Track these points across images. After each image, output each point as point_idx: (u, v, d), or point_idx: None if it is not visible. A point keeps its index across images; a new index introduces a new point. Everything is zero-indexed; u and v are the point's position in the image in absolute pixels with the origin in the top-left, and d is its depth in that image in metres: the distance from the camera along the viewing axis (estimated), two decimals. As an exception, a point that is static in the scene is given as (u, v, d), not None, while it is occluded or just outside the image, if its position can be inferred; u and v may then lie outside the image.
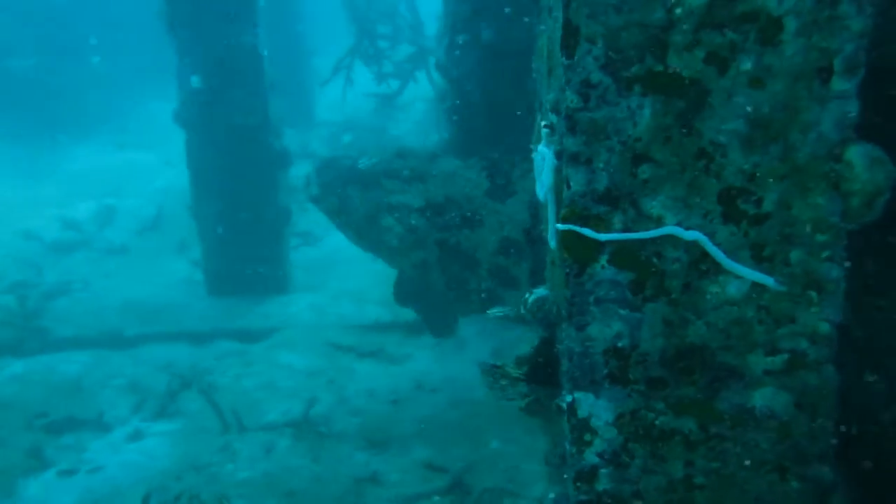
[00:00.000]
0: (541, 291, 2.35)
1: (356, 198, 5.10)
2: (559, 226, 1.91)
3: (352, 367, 6.58)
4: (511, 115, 5.99)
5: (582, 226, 1.88)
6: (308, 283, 8.01)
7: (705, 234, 1.84)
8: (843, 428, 2.00)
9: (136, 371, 6.50)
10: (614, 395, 1.98)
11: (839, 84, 1.74)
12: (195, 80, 6.99)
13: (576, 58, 1.80)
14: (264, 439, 5.51)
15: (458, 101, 6.05)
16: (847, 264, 1.86)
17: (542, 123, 2.05)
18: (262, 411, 5.91)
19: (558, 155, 1.95)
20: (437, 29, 6.35)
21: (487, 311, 3.49)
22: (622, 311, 1.94)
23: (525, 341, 6.69)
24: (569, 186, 1.89)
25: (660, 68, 1.78)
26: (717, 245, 1.84)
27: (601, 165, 1.86)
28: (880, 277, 2.14)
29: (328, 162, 5.44)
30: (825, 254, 1.84)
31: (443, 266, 4.93)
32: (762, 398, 1.94)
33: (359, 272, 8.17)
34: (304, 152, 10.46)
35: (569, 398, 2.02)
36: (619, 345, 1.96)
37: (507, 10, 5.88)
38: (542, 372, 2.20)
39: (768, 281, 1.84)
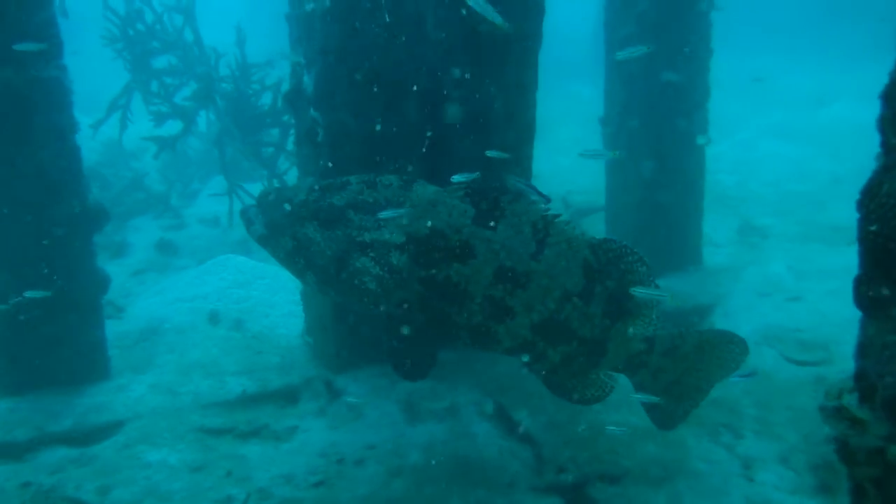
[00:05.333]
0: None
1: (318, 237, 4.29)
2: None
3: (240, 454, 5.49)
4: (387, 138, 5.62)
5: None
6: (129, 363, 6.57)
7: None
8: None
9: (-49, 509, 4.77)
10: None
11: None
12: None
13: None
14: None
15: (335, 132, 5.60)
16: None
17: None
18: (166, 528, 4.67)
19: None
20: (303, 57, 5.66)
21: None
22: None
23: (436, 396, 6.13)
24: None
25: None
26: None
27: None
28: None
29: (273, 195, 4.53)
30: None
31: (424, 305, 4.31)
32: None
33: (197, 340, 6.94)
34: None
35: None
36: None
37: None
38: None
39: None
